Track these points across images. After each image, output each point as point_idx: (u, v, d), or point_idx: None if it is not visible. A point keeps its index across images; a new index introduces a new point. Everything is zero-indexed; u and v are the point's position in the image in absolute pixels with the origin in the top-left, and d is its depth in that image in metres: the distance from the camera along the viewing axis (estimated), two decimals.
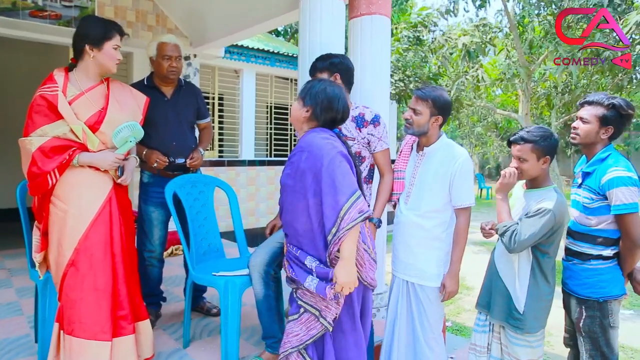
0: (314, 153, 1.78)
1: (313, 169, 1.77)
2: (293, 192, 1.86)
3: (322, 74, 2.35)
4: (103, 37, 2.16)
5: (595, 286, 2.06)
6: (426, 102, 2.18)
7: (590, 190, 2.08)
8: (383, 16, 3.22)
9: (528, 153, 2.03)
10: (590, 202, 2.07)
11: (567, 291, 2.19)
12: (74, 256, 2.08)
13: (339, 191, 1.71)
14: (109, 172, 2.21)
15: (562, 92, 7.79)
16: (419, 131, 2.22)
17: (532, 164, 2.05)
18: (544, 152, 2.03)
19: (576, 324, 2.13)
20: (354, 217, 1.70)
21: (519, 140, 2.06)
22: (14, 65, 6.81)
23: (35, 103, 2.08)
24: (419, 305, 2.25)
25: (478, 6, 6.40)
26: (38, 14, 4.52)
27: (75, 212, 2.10)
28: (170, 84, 2.95)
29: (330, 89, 1.92)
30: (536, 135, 2.03)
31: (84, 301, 2.08)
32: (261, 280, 2.37)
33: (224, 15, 4.52)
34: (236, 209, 2.95)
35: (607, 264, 2.06)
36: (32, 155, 2.04)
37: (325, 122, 1.92)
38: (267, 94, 7.51)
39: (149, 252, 2.93)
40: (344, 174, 1.74)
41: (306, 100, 1.92)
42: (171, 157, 2.87)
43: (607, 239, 2.06)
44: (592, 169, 2.10)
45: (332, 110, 1.90)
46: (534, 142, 2.02)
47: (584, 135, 2.13)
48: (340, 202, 1.71)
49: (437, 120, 2.20)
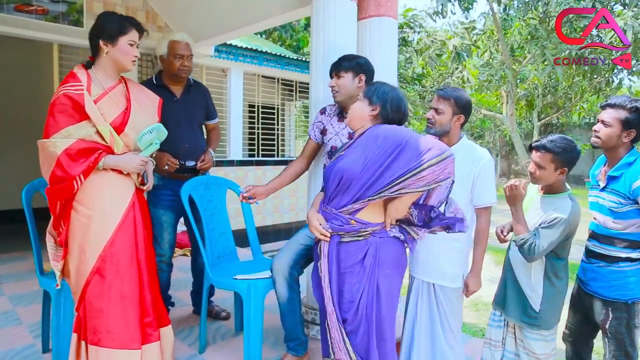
0: (392, 137, 1.81)
1: (394, 148, 1.78)
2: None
3: (347, 74, 2.35)
4: (118, 32, 2.06)
5: (623, 288, 2.07)
6: (448, 101, 2.19)
7: (618, 194, 2.08)
8: (391, 18, 3.24)
9: (547, 162, 2.04)
10: (619, 206, 2.08)
11: (589, 292, 2.21)
12: (99, 263, 1.99)
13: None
14: (131, 176, 2.13)
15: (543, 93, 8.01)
16: (441, 130, 2.21)
17: (549, 172, 2.06)
18: (563, 164, 2.04)
19: (601, 326, 2.15)
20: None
21: (541, 149, 2.06)
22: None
23: (58, 102, 1.95)
24: (439, 306, 2.25)
25: (464, 9, 6.53)
26: (24, 8, 4.32)
27: (99, 218, 2.00)
28: (180, 83, 2.89)
29: (396, 91, 1.97)
30: (559, 147, 2.02)
31: (112, 310, 2.00)
32: (285, 283, 2.34)
33: (221, 13, 4.44)
34: (249, 211, 2.91)
35: (635, 266, 2.08)
36: (57, 159, 1.92)
37: (393, 121, 1.93)
38: (255, 94, 7.43)
39: (159, 256, 2.84)
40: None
41: (373, 99, 1.92)
42: (182, 159, 2.81)
43: (634, 242, 2.07)
44: (619, 173, 2.09)
45: (400, 111, 1.94)
46: (555, 153, 2.03)
47: (605, 138, 2.12)
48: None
49: (459, 120, 2.21)
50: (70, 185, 1.96)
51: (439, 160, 1.74)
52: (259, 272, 2.52)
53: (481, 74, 7.99)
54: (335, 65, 2.40)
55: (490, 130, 18.51)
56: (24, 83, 6.63)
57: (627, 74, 7.44)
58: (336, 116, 2.54)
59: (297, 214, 7.81)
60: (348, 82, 2.36)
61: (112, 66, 2.12)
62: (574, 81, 7.28)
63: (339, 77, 2.37)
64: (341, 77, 2.36)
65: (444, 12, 6.34)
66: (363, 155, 1.82)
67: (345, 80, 2.36)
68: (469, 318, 4.69)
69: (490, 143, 19.87)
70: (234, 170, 6.82)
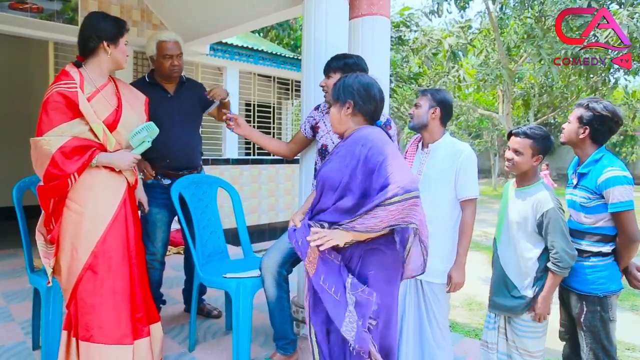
0: (371, 146, 1.70)
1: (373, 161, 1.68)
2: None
3: (336, 74, 2.35)
4: (118, 33, 2.13)
5: (596, 282, 2.13)
6: (426, 96, 2.30)
7: (587, 190, 2.16)
8: (384, 17, 3.24)
9: (526, 148, 2.16)
10: (587, 201, 2.15)
11: (566, 287, 2.25)
12: (91, 260, 2.01)
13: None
14: (122, 173, 2.15)
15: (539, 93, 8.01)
16: (419, 122, 2.29)
17: (526, 159, 2.17)
18: (539, 151, 2.17)
19: (577, 320, 2.19)
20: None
21: (521, 134, 2.18)
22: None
23: (51, 99, 1.97)
24: (426, 303, 2.28)
25: (460, 8, 6.53)
26: (18, 6, 4.33)
27: (91, 215, 2.02)
28: (172, 81, 2.89)
29: (359, 78, 1.86)
30: (537, 134, 2.16)
31: (104, 306, 2.01)
32: (274, 282, 2.35)
33: (216, 11, 4.44)
34: (239, 210, 2.91)
35: (606, 261, 2.14)
36: (52, 157, 1.94)
37: (369, 113, 1.84)
38: (250, 92, 7.44)
39: (151, 254, 2.85)
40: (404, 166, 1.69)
41: (341, 98, 1.85)
42: (175, 156, 2.81)
43: (605, 235, 2.14)
44: (587, 170, 2.18)
45: (372, 97, 1.82)
46: (534, 140, 2.15)
47: (566, 134, 2.26)
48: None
49: (435, 112, 2.26)
50: (64, 183, 1.98)
51: (399, 200, 1.58)
52: (249, 270, 2.53)
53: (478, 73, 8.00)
54: (327, 65, 2.42)
55: (488, 129, 18.54)
56: (19, 81, 6.64)
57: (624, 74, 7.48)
58: (329, 114, 2.55)
59: (293, 213, 7.81)
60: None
61: (109, 66, 2.16)
62: (570, 81, 7.30)
63: (329, 77, 2.38)
64: (330, 77, 2.37)
65: (439, 11, 6.35)
66: (343, 164, 1.76)
67: (334, 80, 2.36)
68: (461, 318, 4.71)
69: (488, 142, 19.90)
70: (229, 169, 6.83)
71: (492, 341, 2.34)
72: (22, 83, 6.61)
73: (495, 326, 2.33)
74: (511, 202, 2.26)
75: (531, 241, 2.16)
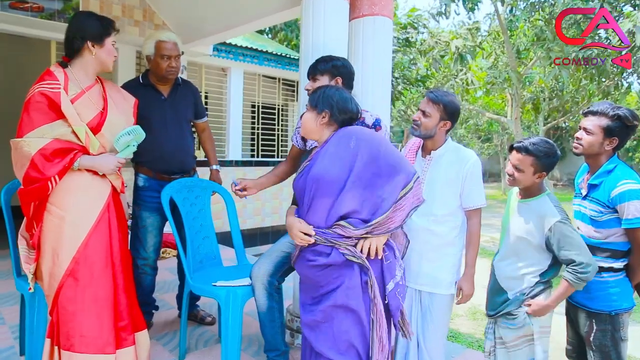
0: (366, 139, 1.82)
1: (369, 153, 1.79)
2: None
3: (323, 77, 2.27)
4: (103, 33, 2.06)
5: (607, 299, 2.01)
6: (437, 106, 2.15)
7: (598, 202, 2.03)
8: (385, 17, 3.15)
9: (527, 165, 1.99)
10: (598, 215, 2.03)
11: (574, 304, 2.14)
12: (73, 266, 1.94)
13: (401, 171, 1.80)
14: (106, 177, 2.08)
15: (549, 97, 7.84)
16: (425, 134, 2.17)
17: (527, 176, 2.01)
18: (542, 168, 2.00)
19: (586, 338, 2.08)
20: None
21: (522, 150, 2.00)
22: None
23: (33, 100, 1.91)
24: (425, 314, 2.20)
25: (469, 9, 6.40)
26: (19, 5, 4.29)
27: (73, 219, 1.96)
28: (167, 82, 2.82)
29: (339, 92, 1.94)
30: (541, 151, 1.97)
31: (85, 313, 1.95)
32: (265, 292, 2.27)
33: (217, 11, 4.38)
34: (234, 215, 2.84)
35: (617, 276, 2.02)
36: (31, 159, 1.88)
37: (344, 123, 1.92)
38: (255, 93, 7.37)
39: (143, 259, 2.79)
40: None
41: (319, 106, 1.91)
42: (168, 159, 2.75)
43: (616, 251, 2.01)
44: (599, 181, 2.05)
45: (348, 111, 1.91)
46: (536, 157, 1.98)
47: (587, 146, 2.07)
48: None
49: (445, 125, 2.17)
50: (44, 186, 1.92)
51: (410, 188, 1.78)
52: (241, 278, 2.44)
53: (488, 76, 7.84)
54: (312, 67, 2.31)
55: (498, 133, 18.32)
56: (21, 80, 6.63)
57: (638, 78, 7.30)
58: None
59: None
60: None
61: (95, 67, 2.10)
62: (581, 84, 7.12)
63: (314, 80, 2.29)
64: (317, 80, 2.28)
65: (447, 13, 6.22)
66: (337, 160, 1.79)
67: (320, 84, 2.27)
68: (465, 327, 4.59)
69: (497, 146, 19.67)
70: (232, 170, 6.76)
71: (488, 349, 2.23)
72: (24, 83, 6.60)
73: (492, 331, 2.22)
74: (514, 214, 2.14)
75: (535, 257, 2.04)
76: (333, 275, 1.82)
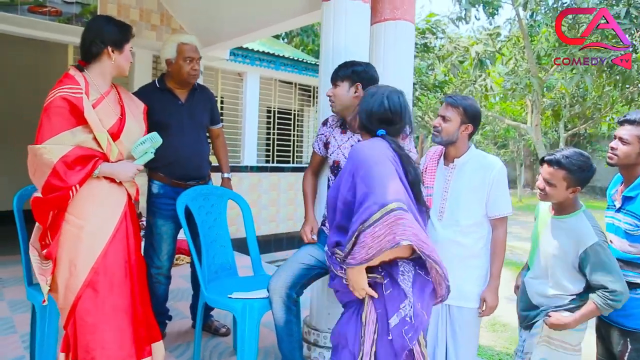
0: (353, 157, 1.63)
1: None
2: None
3: (343, 83, 2.22)
4: (123, 39, 2.02)
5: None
6: (457, 109, 2.08)
7: (634, 216, 1.93)
8: (408, 22, 3.07)
9: (559, 179, 1.85)
10: (634, 229, 1.92)
11: (606, 321, 2.03)
12: (91, 277, 1.87)
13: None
14: (123, 184, 2.02)
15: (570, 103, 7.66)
16: (447, 139, 2.10)
17: (560, 191, 1.87)
18: (576, 183, 1.85)
19: (619, 357, 1.97)
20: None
21: (554, 164, 1.87)
22: (10, 63, 6.55)
23: (54, 104, 1.84)
24: (454, 329, 2.11)
25: (489, 14, 6.29)
26: (37, 9, 4.30)
27: (92, 229, 1.89)
28: (186, 87, 2.76)
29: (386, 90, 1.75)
30: (574, 164, 1.83)
31: (106, 325, 1.88)
32: (283, 305, 2.18)
33: (235, 15, 4.34)
34: (250, 224, 2.75)
35: None
36: (53, 167, 1.81)
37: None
38: (271, 98, 7.32)
39: (157, 268, 2.72)
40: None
41: (368, 128, 1.75)
42: (184, 164, 2.68)
43: None
44: (635, 193, 1.94)
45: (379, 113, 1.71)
46: (569, 171, 1.83)
47: (623, 156, 1.97)
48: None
49: (467, 129, 2.10)
50: (66, 195, 1.85)
51: (377, 218, 1.41)
52: (257, 290, 2.36)
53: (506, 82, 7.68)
54: (334, 73, 2.27)
55: (515, 139, 18.06)
56: (37, 85, 6.66)
57: None
58: (338, 127, 2.37)
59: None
60: (344, 92, 2.22)
61: (112, 72, 2.05)
62: (604, 91, 6.93)
63: (336, 86, 2.24)
64: (337, 86, 2.23)
65: (467, 18, 6.12)
66: (338, 181, 1.68)
67: (341, 90, 2.22)
68: (484, 340, 4.44)
69: (514, 152, 19.39)
70: (247, 176, 6.72)
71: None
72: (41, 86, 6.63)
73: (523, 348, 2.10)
74: (547, 230, 2.01)
75: (569, 277, 1.91)
76: (342, 300, 1.75)
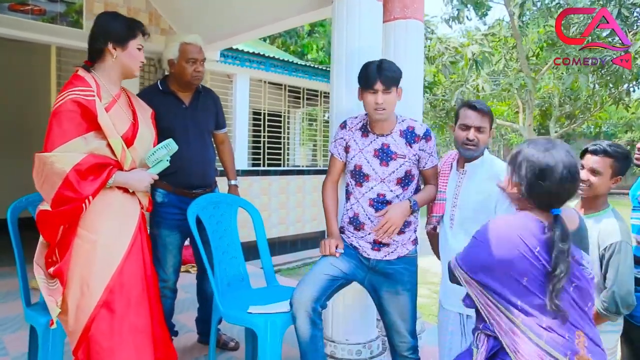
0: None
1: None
2: None
3: (393, 88, 2.02)
4: (128, 34, 1.85)
5: None
6: (488, 117, 2.03)
7: None
8: (418, 21, 3.00)
9: (606, 167, 1.87)
10: None
11: (637, 324, 1.97)
12: (107, 296, 1.71)
13: None
14: (136, 195, 1.86)
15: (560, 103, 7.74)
16: (481, 151, 2.04)
17: (604, 180, 1.88)
18: (619, 172, 1.89)
19: None
20: None
21: (600, 153, 1.89)
22: None
23: (65, 108, 1.67)
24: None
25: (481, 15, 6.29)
26: (19, 8, 4.04)
27: (106, 243, 1.73)
28: (190, 90, 2.60)
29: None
30: (619, 152, 1.88)
31: (124, 348, 1.71)
32: (308, 319, 2.04)
33: (232, 14, 4.18)
34: (262, 232, 2.60)
35: None
36: (65, 177, 1.64)
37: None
38: (261, 100, 7.16)
39: (163, 282, 2.55)
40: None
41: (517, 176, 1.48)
42: (189, 169, 2.52)
43: None
44: None
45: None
46: (615, 158, 1.87)
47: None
48: None
49: (492, 134, 2.09)
50: (78, 208, 1.68)
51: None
52: (275, 303, 2.22)
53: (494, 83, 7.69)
54: (384, 77, 2.00)
55: (495, 139, 18.30)
56: (19, 87, 6.35)
57: None
58: (359, 130, 2.21)
59: (318, 224, 7.60)
60: (394, 98, 2.05)
61: (118, 72, 1.88)
62: (594, 90, 7.02)
63: (387, 92, 2.00)
64: (388, 93, 2.00)
65: (460, 18, 6.10)
66: None
67: (393, 96, 2.03)
68: None
69: (494, 152, 19.68)
70: (258, 180, 6.71)
71: None
72: (23, 89, 6.32)
73: None
74: None
75: None
76: None
